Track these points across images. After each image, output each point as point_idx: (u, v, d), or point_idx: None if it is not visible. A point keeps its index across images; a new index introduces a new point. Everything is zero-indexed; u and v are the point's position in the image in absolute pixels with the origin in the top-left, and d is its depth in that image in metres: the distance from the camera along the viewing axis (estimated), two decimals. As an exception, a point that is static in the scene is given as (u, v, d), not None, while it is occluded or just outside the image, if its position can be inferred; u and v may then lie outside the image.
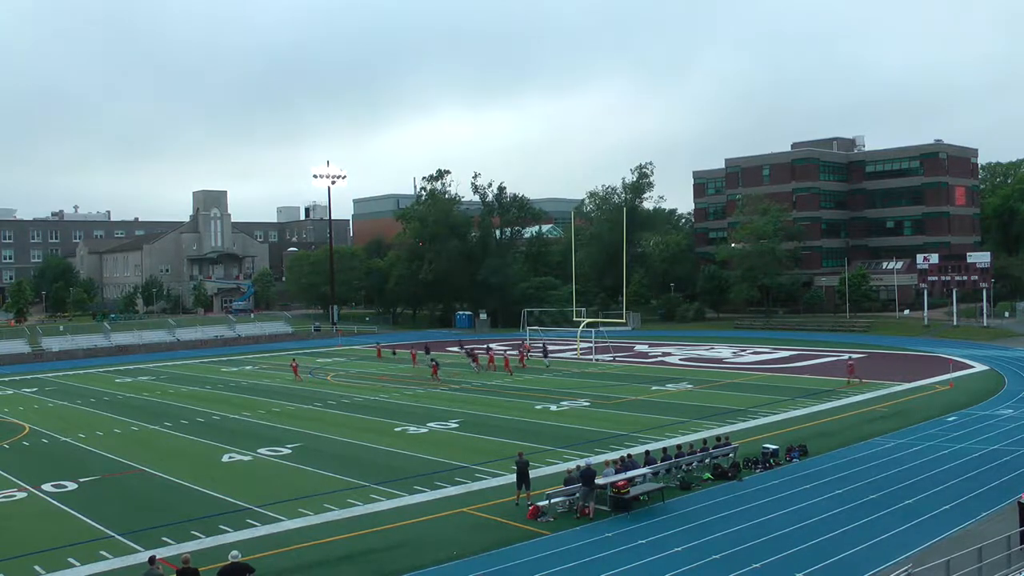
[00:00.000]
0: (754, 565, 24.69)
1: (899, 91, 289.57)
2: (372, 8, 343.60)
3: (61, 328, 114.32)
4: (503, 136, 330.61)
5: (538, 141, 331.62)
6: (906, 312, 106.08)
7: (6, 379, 79.69)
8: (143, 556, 25.43)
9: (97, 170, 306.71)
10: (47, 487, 36.51)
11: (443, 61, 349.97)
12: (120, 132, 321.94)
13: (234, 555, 22.06)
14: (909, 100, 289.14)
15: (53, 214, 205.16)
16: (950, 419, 46.52)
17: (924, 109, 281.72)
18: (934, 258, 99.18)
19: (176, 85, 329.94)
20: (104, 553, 27.47)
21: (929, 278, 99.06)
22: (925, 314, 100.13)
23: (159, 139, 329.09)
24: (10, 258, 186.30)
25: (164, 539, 28.57)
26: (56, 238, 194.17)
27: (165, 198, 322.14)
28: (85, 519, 31.44)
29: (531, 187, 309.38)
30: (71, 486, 36.67)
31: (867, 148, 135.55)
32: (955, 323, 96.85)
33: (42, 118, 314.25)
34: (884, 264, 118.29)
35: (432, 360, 72.36)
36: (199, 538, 28.63)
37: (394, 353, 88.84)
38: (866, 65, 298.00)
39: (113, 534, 29.43)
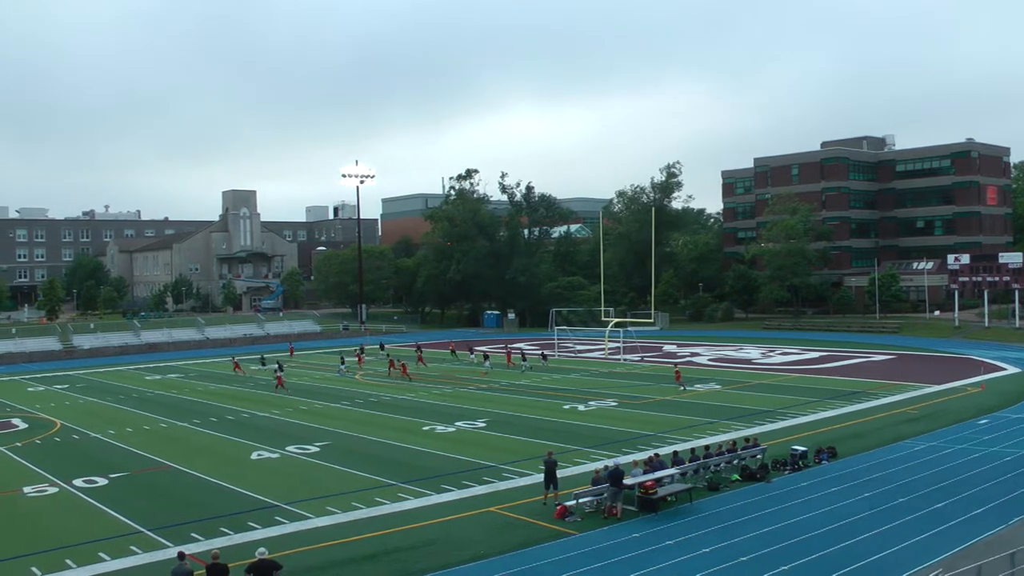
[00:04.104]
0: (783, 567, 24.54)
1: (935, 89, 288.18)
2: (430, 8, 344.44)
3: (92, 326, 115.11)
4: (556, 137, 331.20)
5: (595, 141, 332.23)
6: (936, 313, 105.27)
7: (38, 376, 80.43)
8: (172, 552, 25.62)
9: (144, 170, 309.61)
10: (78, 482, 36.81)
11: (509, 60, 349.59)
12: (174, 132, 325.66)
13: (261, 552, 22.15)
14: (944, 98, 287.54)
15: (84, 213, 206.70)
16: (981, 422, 46.13)
17: (958, 107, 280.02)
18: (965, 258, 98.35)
19: (239, 84, 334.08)
20: (134, 548, 27.65)
21: (960, 279, 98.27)
22: (956, 315, 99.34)
23: (211, 138, 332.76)
24: (42, 257, 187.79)
25: (193, 535, 28.73)
26: (87, 237, 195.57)
27: (194, 197, 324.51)
28: (115, 514, 31.65)
29: (579, 187, 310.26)
30: (101, 482, 36.95)
31: (897, 147, 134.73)
32: (986, 324, 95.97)
33: (109, 119, 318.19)
34: (914, 264, 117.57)
35: (277, 368, 69.12)
36: (227, 534, 28.76)
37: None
38: (906, 64, 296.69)
39: (142, 529, 29.62)
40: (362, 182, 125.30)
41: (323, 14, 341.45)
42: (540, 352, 78.45)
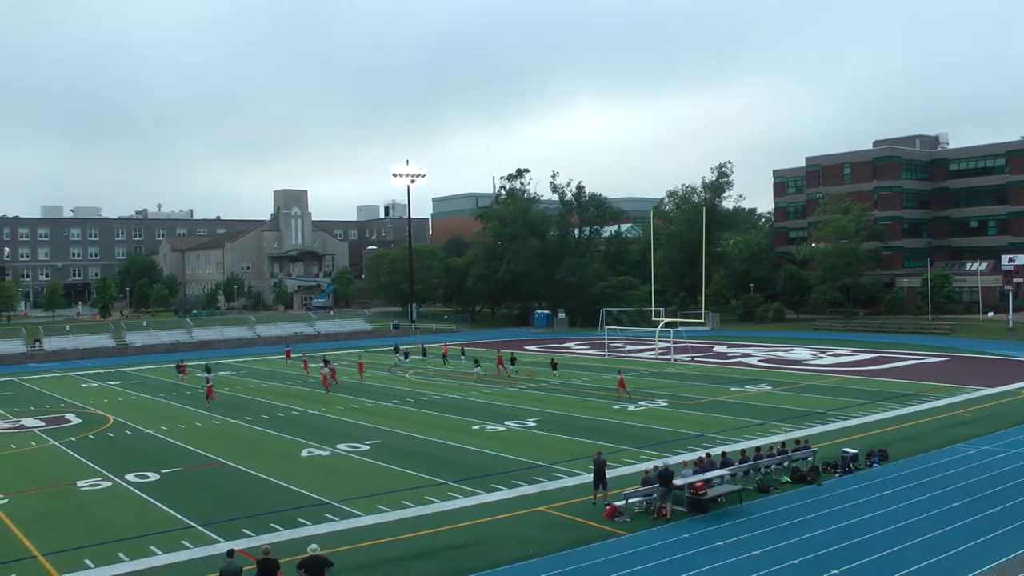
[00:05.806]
0: (834, 571, 24.32)
1: (990, 88, 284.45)
2: (495, 7, 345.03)
3: (144, 323, 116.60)
4: (616, 136, 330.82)
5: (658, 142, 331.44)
6: (990, 314, 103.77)
7: (91, 372, 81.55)
8: (222, 547, 25.85)
9: (198, 170, 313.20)
10: (130, 477, 37.31)
11: (574, 58, 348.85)
12: (229, 133, 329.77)
13: (313, 548, 22.28)
14: (999, 97, 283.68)
15: (137, 213, 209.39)
16: (1037, 425, 45.44)
17: (1013, 106, 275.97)
18: (1020, 259, 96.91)
19: (298, 85, 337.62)
20: (185, 543, 27.96)
21: (1014, 279, 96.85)
22: (1010, 316, 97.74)
23: (265, 139, 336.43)
24: (96, 255, 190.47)
25: (243, 531, 29.00)
26: (140, 236, 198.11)
27: (246, 197, 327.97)
28: (167, 509, 32.05)
29: (632, 187, 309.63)
30: (153, 477, 37.41)
31: (951, 146, 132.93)
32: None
33: (169, 120, 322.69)
34: (967, 265, 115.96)
35: (208, 377, 65.91)
36: (277, 531, 28.98)
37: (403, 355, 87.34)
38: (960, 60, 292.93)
39: (194, 524, 29.95)
40: (412, 181, 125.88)
41: (387, 15, 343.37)
42: (551, 361, 75.05)
